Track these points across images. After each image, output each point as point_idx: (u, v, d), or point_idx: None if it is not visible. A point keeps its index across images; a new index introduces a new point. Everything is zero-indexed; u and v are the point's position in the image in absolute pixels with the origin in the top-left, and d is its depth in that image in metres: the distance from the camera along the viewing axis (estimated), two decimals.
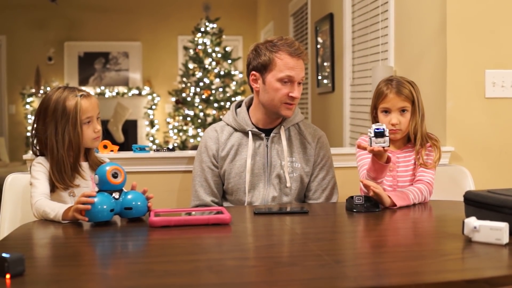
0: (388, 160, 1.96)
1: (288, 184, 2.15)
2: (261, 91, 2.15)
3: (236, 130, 2.19)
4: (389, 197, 1.91)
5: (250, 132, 2.16)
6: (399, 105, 2.08)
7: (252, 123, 2.19)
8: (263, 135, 2.17)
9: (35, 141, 1.94)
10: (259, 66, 2.13)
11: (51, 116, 1.89)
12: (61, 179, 1.87)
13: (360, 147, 1.98)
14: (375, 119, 2.16)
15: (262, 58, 2.11)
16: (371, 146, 1.89)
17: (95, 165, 1.96)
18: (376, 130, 1.89)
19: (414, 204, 1.98)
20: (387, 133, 1.89)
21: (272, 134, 2.17)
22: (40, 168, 1.88)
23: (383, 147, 1.89)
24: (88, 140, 1.93)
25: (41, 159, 1.90)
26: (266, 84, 2.12)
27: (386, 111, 2.10)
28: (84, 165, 1.96)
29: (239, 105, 2.27)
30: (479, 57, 2.58)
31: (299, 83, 2.12)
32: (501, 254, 1.31)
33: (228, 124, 2.21)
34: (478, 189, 1.71)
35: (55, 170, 1.87)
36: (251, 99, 2.23)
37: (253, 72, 2.15)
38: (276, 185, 2.15)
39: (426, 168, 2.08)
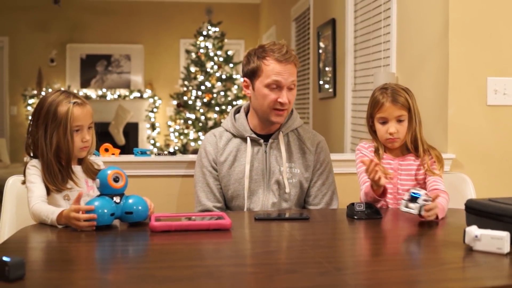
0: (383, 195, 1.97)
1: (287, 190, 2.14)
2: (252, 97, 2.16)
3: (234, 136, 2.19)
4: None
5: (248, 138, 2.16)
6: (396, 114, 2.07)
7: (251, 129, 2.19)
8: (261, 141, 2.17)
9: (29, 141, 1.93)
10: (249, 73, 2.14)
11: (43, 118, 1.87)
12: (52, 181, 1.85)
13: (363, 163, 1.93)
14: (371, 128, 2.15)
15: (251, 65, 2.12)
16: (405, 208, 1.75)
17: (89, 169, 1.95)
18: (412, 194, 1.75)
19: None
20: (420, 201, 1.73)
21: (270, 140, 2.17)
22: (35, 171, 1.86)
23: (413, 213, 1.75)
24: (75, 149, 1.89)
25: (35, 161, 1.89)
26: (255, 90, 2.12)
27: (384, 121, 2.09)
28: (78, 168, 1.94)
29: (238, 110, 2.27)
30: (481, 64, 2.58)
31: (290, 88, 2.10)
32: (502, 264, 1.31)
33: (227, 130, 2.21)
34: (479, 197, 1.71)
35: (46, 173, 1.86)
36: (249, 105, 2.23)
37: (245, 78, 2.17)
38: (276, 191, 2.15)
39: (434, 176, 2.06)
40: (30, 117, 1.95)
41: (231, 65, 7.33)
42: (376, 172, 1.88)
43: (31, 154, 1.93)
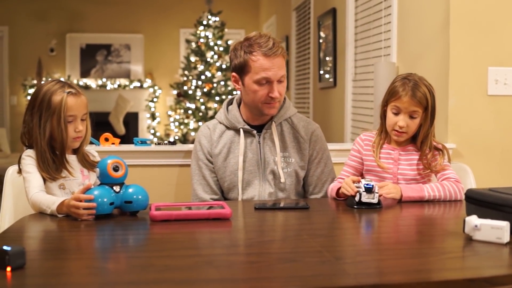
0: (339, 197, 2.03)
1: (282, 180, 2.13)
2: (242, 92, 2.13)
3: (228, 128, 2.17)
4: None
5: (241, 130, 2.15)
6: (410, 108, 2.02)
7: (244, 120, 2.17)
8: (254, 132, 2.15)
9: (25, 130, 1.92)
10: (237, 68, 2.10)
11: (38, 107, 1.87)
12: (45, 170, 1.85)
13: (343, 192, 1.96)
14: (384, 114, 2.11)
15: (239, 60, 2.07)
16: (360, 199, 1.84)
17: (84, 159, 1.94)
18: (366, 186, 1.84)
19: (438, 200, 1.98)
20: (376, 190, 1.85)
21: (263, 131, 2.15)
22: (30, 161, 1.86)
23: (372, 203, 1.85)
24: (68, 139, 1.88)
25: (30, 151, 1.89)
26: (246, 86, 2.09)
27: (396, 112, 2.06)
28: (73, 158, 1.93)
29: (230, 102, 2.25)
30: (482, 54, 2.57)
31: (280, 81, 2.07)
32: (502, 253, 1.31)
33: (220, 122, 2.20)
34: (479, 187, 1.71)
35: (40, 161, 1.86)
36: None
37: (233, 74, 2.14)
38: (271, 181, 2.14)
39: (435, 169, 2.06)
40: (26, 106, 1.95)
41: None
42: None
43: (26, 144, 1.93)
